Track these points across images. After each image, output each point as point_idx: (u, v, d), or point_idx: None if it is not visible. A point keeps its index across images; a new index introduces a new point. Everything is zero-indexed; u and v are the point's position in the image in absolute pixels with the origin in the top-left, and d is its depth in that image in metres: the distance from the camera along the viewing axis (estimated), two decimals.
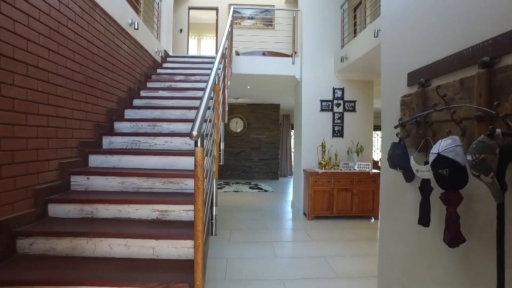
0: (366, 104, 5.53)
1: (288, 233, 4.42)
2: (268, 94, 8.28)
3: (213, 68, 2.25)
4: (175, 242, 1.81)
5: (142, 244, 1.81)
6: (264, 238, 4.10)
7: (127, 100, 3.63)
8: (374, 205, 5.11)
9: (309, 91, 5.45)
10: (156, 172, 2.45)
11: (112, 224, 1.99)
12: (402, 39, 2.14)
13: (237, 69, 5.57)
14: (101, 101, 2.96)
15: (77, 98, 2.50)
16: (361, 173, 5.07)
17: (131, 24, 3.65)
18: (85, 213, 2.08)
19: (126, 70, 3.61)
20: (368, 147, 5.51)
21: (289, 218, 5.30)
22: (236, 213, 5.46)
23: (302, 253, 3.57)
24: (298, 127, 5.79)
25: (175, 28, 7.75)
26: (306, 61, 5.47)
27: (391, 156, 1.94)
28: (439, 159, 1.38)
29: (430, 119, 1.72)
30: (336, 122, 5.46)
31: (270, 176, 10.08)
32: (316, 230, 4.44)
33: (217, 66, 2.34)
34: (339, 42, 5.36)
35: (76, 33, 2.45)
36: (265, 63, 5.72)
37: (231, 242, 3.92)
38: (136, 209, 2.09)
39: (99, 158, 2.67)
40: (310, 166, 5.39)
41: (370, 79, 5.50)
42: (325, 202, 5.04)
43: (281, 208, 6.02)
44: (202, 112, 1.56)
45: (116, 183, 2.38)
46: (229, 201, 6.58)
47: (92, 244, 1.77)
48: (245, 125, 10.03)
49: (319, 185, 5.01)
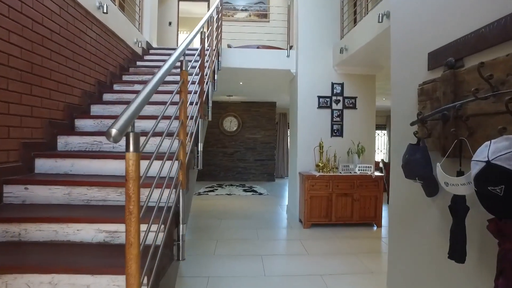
0: (368, 101, 5.07)
1: (281, 244, 3.95)
2: (263, 91, 7.82)
3: (177, 50, 1.79)
4: (119, 279, 1.35)
5: (74, 281, 1.34)
6: (254, 250, 3.64)
7: (95, 95, 3.16)
8: (376, 212, 4.65)
9: (305, 87, 4.99)
10: (113, 180, 1.98)
11: (42, 251, 1.52)
12: (419, 11, 1.66)
13: (227, 62, 5.10)
14: (56, 94, 2.49)
15: (15, 89, 2.03)
16: (362, 177, 4.60)
17: (99, 7, 3.17)
18: (10, 236, 1.61)
19: (94, 60, 3.15)
20: (370, 147, 5.05)
21: (284, 226, 4.83)
22: (225, 220, 5.00)
23: (296, 270, 3.11)
24: (294, 126, 5.33)
25: (164, 21, 7.28)
26: (302, 53, 5.00)
27: (408, 162, 1.45)
28: (489, 170, 0.91)
29: (465, 111, 1.24)
30: (335, 120, 4.99)
31: (266, 178, 9.61)
32: (313, 241, 3.98)
33: (184, 47, 1.87)
34: (338, 32, 4.89)
35: (11, 8, 1.98)
36: (257, 56, 5.25)
37: (216, 256, 3.45)
38: (77, 229, 1.63)
39: (48, 163, 2.20)
40: (307, 168, 4.92)
41: (372, 73, 5.03)
42: (323, 209, 4.58)
43: (276, 214, 5.55)
44: (138, 103, 1.10)
45: (62, 194, 1.92)
46: (220, 206, 6.11)
47: (3, 283, 1.31)
48: (239, 124, 9.55)
49: (316, 189, 4.55)
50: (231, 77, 6.00)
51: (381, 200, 4.67)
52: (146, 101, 1.16)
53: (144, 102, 1.14)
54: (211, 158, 9.50)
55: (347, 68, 4.92)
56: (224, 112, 9.56)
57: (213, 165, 9.50)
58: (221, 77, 5.69)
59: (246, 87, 7.25)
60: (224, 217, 5.20)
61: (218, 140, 9.58)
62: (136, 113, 1.05)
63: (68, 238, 1.63)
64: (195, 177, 2.81)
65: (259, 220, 5.04)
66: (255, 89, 7.46)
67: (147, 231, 1.22)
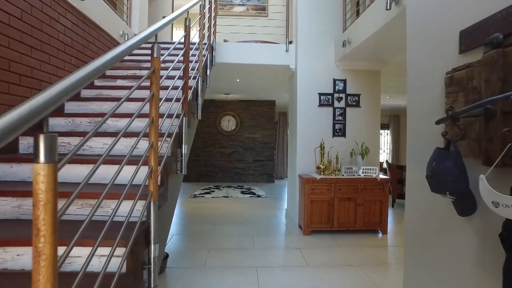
0: (372, 98, 4.74)
1: (278, 254, 3.63)
2: (261, 89, 7.49)
3: (146, 31, 1.47)
4: None
5: None
6: (249, 261, 3.32)
7: None
8: (382, 217, 4.33)
9: (305, 83, 4.66)
10: (73, 190, 1.66)
11: None
12: None
13: (222, 57, 4.78)
14: (18, 89, 2.18)
15: None
16: (366, 180, 4.28)
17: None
18: None
19: (69, 52, 2.83)
20: (375, 148, 4.72)
21: (282, 232, 4.51)
22: (220, 225, 4.68)
23: (294, 285, 2.79)
24: (293, 125, 5.00)
25: (157, 16, 6.96)
26: (302, 47, 4.67)
27: (436, 172, 1.12)
28: None
29: None
30: (337, 119, 4.67)
31: (265, 179, 9.28)
32: (313, 250, 3.66)
33: (154, 29, 1.55)
34: (340, 25, 4.55)
35: None
36: (254, 50, 4.92)
37: (206, 268, 3.13)
38: (17, 254, 1.31)
39: (2, 168, 1.88)
40: (307, 171, 4.60)
41: (376, 69, 4.70)
42: (324, 214, 4.26)
43: (274, 218, 5.23)
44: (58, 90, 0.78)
45: (10, 207, 1.60)
46: (216, 209, 5.79)
47: None
48: (237, 123, 9.23)
49: (317, 193, 4.23)
50: (227, 73, 5.67)
51: (387, 205, 4.34)
52: (72, 88, 0.84)
53: (69, 89, 0.82)
54: (208, 158, 9.19)
55: (350, 63, 4.59)
56: (221, 111, 9.24)
57: (211, 165, 9.18)
58: (216, 74, 5.37)
59: (244, 85, 6.93)
60: (219, 222, 4.88)
61: (216, 140, 9.25)
62: (48, 105, 0.73)
63: (4, 266, 1.31)
64: (180, 184, 2.49)
65: (256, 225, 4.72)
66: (253, 86, 7.13)
67: (90, 255, 0.90)
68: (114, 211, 1.16)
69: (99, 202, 1.04)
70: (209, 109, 9.12)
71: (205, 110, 9.03)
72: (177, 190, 2.37)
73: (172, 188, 2.13)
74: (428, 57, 1.35)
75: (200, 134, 9.09)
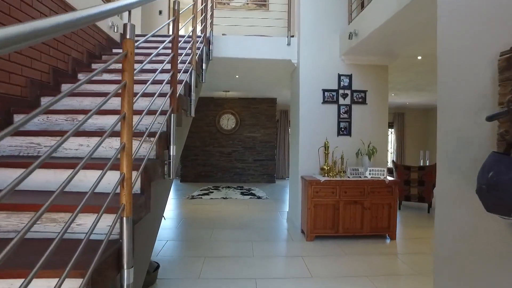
0: (380, 95, 4.45)
1: (280, 264, 3.35)
2: (262, 86, 7.20)
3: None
4: None
5: None
6: (247, 272, 3.04)
7: (49, 85, 2.57)
8: (390, 222, 4.04)
9: (308, 79, 4.37)
10: (34, 200, 1.39)
11: None
12: None
13: (220, 51, 4.50)
14: None
15: None
16: (374, 182, 3.99)
17: None
18: None
19: (47, 42, 2.55)
20: (383, 148, 4.43)
21: (283, 238, 4.23)
22: (217, 230, 4.41)
23: None
24: (295, 123, 4.72)
25: (154, 9, 6.68)
26: (304, 41, 4.38)
27: (495, 184, 0.81)
28: None
29: None
30: (342, 117, 4.38)
31: (265, 179, 9.00)
32: (317, 258, 3.38)
33: (134, 1, 1.27)
34: (345, 16, 4.26)
35: None
36: (254, 44, 4.64)
37: (201, 280, 2.86)
38: None
39: None
40: (310, 172, 4.32)
41: (384, 64, 4.41)
42: (329, 219, 3.97)
43: (275, 222, 4.95)
44: None
45: None
46: (214, 212, 5.52)
47: None
48: (237, 122, 8.94)
49: (321, 196, 3.94)
50: (226, 69, 5.39)
51: (395, 209, 4.06)
52: None
53: None
54: (207, 158, 8.91)
55: (356, 58, 4.30)
56: (221, 109, 8.96)
57: (210, 165, 8.90)
58: (214, 69, 5.09)
59: (244, 82, 6.64)
60: (216, 226, 4.61)
61: (215, 139, 8.97)
62: None
63: None
64: (168, 189, 2.21)
65: (256, 230, 4.44)
66: (253, 83, 6.85)
67: None
68: (63, 228, 0.88)
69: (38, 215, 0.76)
70: (208, 107, 8.84)
71: (204, 108, 8.75)
72: (164, 197, 2.09)
73: (158, 195, 1.85)
74: (470, 35, 1.06)
75: (198, 133, 8.82)
